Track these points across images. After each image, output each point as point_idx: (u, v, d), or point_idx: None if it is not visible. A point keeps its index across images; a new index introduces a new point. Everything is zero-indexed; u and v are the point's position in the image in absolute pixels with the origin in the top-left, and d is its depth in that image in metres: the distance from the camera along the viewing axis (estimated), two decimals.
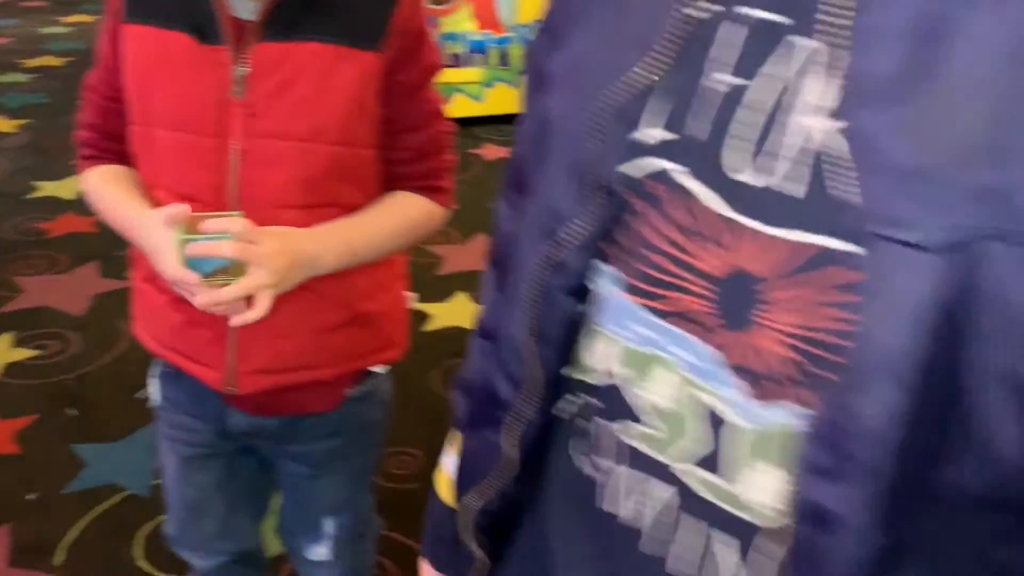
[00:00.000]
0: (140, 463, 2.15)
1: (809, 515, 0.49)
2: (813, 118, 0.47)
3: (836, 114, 0.46)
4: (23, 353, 2.55)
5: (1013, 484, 0.47)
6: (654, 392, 0.57)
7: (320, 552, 1.45)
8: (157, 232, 1.04)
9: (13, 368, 2.49)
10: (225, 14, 1.04)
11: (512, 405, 0.65)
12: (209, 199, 1.07)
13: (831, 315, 0.47)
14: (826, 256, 0.47)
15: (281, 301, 1.06)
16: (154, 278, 1.16)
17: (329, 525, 1.40)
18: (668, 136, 0.53)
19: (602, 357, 0.60)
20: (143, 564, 1.88)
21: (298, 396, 1.22)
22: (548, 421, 0.65)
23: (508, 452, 0.66)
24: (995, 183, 0.41)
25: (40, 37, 5.67)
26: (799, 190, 0.47)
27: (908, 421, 0.45)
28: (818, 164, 0.47)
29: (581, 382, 0.63)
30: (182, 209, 1.02)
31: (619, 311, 0.58)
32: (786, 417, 0.50)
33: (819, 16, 0.46)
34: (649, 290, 0.55)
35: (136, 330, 1.26)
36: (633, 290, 0.56)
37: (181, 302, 1.12)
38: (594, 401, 0.62)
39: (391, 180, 1.18)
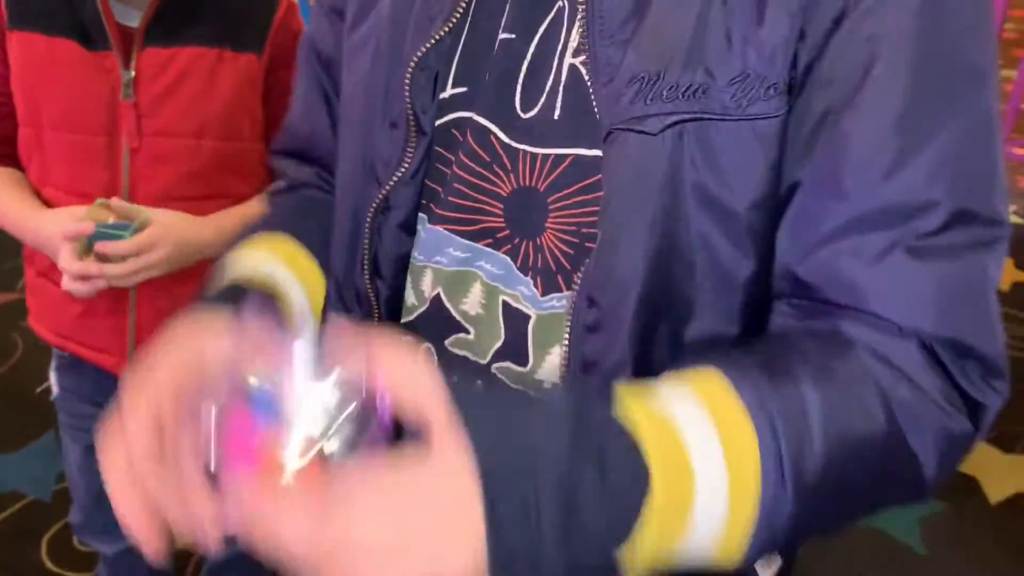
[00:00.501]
0: (40, 470, 2.18)
1: (578, 367, 0.61)
2: (567, 58, 0.61)
3: (580, 51, 0.60)
4: None
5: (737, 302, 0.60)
6: (467, 303, 0.68)
7: None
8: (52, 231, 1.11)
9: None
10: (111, 21, 1.11)
11: None
12: (102, 194, 1.14)
13: (593, 211, 0.60)
14: (580, 162, 0.61)
15: (176, 285, 1.15)
16: (49, 272, 1.23)
17: None
18: (465, 89, 0.66)
19: (427, 286, 0.69)
20: (51, 566, 1.92)
21: None
22: None
23: None
24: (695, 79, 0.56)
25: None
26: (555, 114, 0.62)
27: (650, 267, 0.58)
28: (568, 91, 0.61)
29: (406, 321, 0.71)
30: (81, 223, 1.08)
31: (436, 242, 0.68)
32: (559, 302, 0.63)
33: None
34: (458, 217, 0.66)
35: (33, 324, 1.32)
36: (446, 220, 0.67)
37: None
38: (410, 336, 0.71)
39: None
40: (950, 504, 2.17)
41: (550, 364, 0.64)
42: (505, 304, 0.66)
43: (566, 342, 0.61)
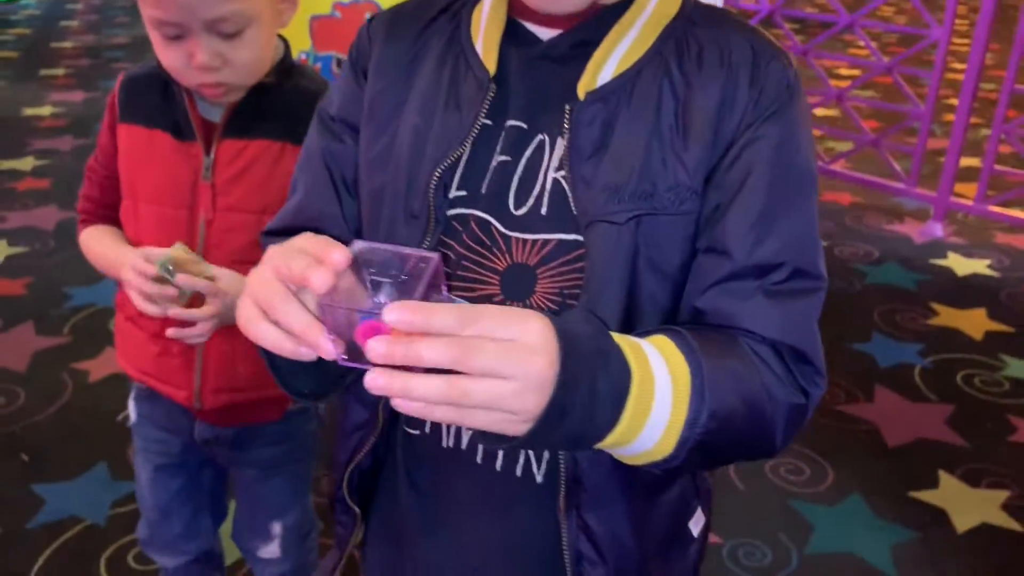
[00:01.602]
0: (95, 496, 2.40)
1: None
2: (551, 172, 0.86)
3: (560, 167, 0.85)
4: None
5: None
6: None
7: (270, 551, 1.75)
8: (129, 256, 1.34)
9: None
10: (196, 117, 1.39)
11: None
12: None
13: (572, 279, 0.84)
14: (562, 244, 0.85)
15: (237, 332, 1.39)
16: (136, 318, 1.48)
17: (276, 527, 1.71)
18: (465, 193, 0.88)
19: None
20: None
21: (250, 409, 1.55)
22: None
23: (378, 416, 0.94)
24: (645, 188, 0.84)
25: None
26: (542, 211, 0.86)
27: (621, 316, 0.84)
28: (552, 195, 0.86)
29: None
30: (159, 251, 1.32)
31: None
32: None
33: (564, 126, 0.85)
34: (462, 287, 0.88)
35: (119, 361, 1.58)
36: (452, 290, 0.86)
37: (156, 336, 1.44)
38: None
39: None
40: (921, 533, 2.37)
41: None
42: None
43: None
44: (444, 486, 0.96)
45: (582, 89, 0.85)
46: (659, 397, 0.73)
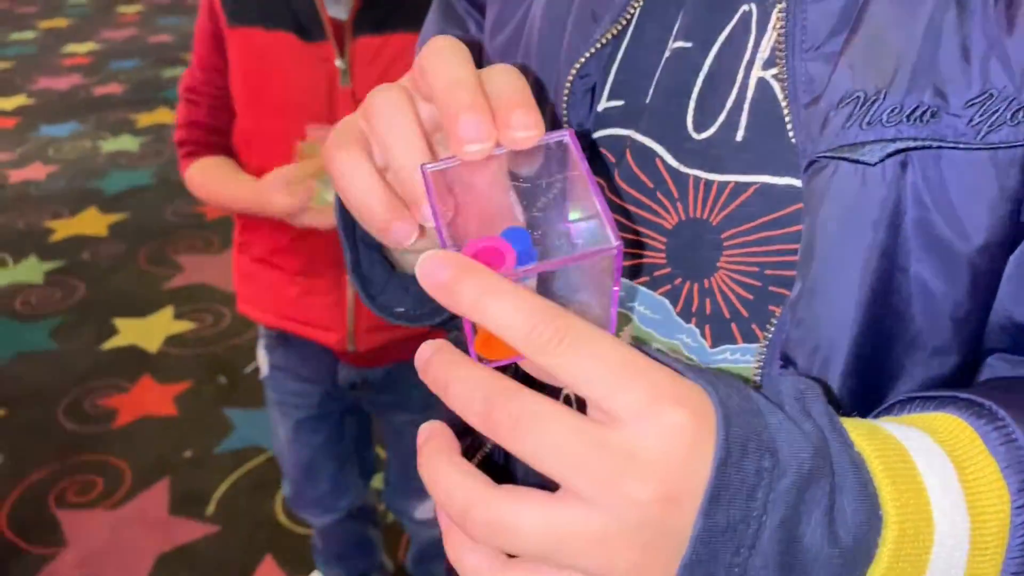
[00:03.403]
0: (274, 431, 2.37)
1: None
2: (755, 71, 0.53)
3: (772, 63, 0.53)
4: (182, 325, 2.82)
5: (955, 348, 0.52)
6: None
7: (428, 509, 1.58)
8: (278, 192, 1.19)
9: (172, 339, 2.76)
10: (325, 14, 1.18)
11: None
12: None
13: (781, 248, 0.53)
14: (766, 192, 0.53)
15: None
16: (268, 257, 1.32)
17: None
18: (622, 103, 0.58)
19: None
20: (282, 518, 2.09)
21: (404, 345, 1.35)
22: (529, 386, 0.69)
23: None
24: (925, 100, 0.48)
25: None
26: (737, 136, 0.53)
27: (862, 320, 0.50)
28: (756, 108, 0.53)
29: None
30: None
31: None
32: (733, 355, 0.55)
33: None
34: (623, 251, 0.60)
35: (243, 308, 1.43)
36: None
37: (298, 274, 1.27)
38: None
39: None
40: None
41: None
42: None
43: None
44: None
45: None
46: (940, 556, 0.42)
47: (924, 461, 0.43)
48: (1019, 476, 0.43)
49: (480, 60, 0.71)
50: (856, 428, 0.43)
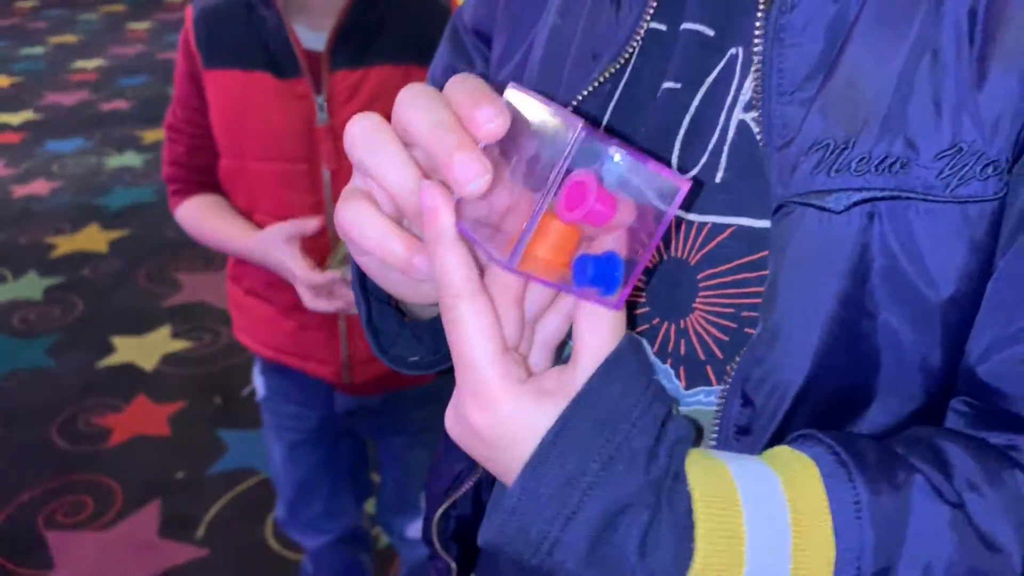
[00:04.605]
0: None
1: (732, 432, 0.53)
2: (737, 113, 0.53)
3: (752, 106, 0.52)
4: (179, 344, 2.81)
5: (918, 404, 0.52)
6: None
7: (419, 528, 1.56)
8: (278, 249, 1.16)
9: (169, 358, 2.75)
10: (299, 47, 1.14)
11: None
12: (309, 217, 1.19)
13: (758, 291, 0.52)
14: (744, 234, 0.52)
15: None
16: (260, 291, 1.30)
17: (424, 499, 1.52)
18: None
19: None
20: (272, 543, 2.06)
21: (398, 375, 1.33)
22: None
23: None
24: (890, 153, 0.48)
25: None
26: (717, 177, 0.53)
27: (820, 364, 0.50)
28: (736, 150, 0.53)
29: None
30: (299, 226, 1.14)
31: None
32: (708, 396, 0.54)
33: (755, 28, 0.52)
34: None
35: (239, 336, 1.41)
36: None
37: (291, 308, 1.25)
38: None
39: None
40: None
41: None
42: None
43: (713, 443, 0.53)
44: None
45: None
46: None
47: (752, 509, 0.44)
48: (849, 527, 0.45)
49: None
50: (700, 464, 0.46)
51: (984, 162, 0.47)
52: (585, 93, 0.58)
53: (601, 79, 0.58)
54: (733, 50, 0.54)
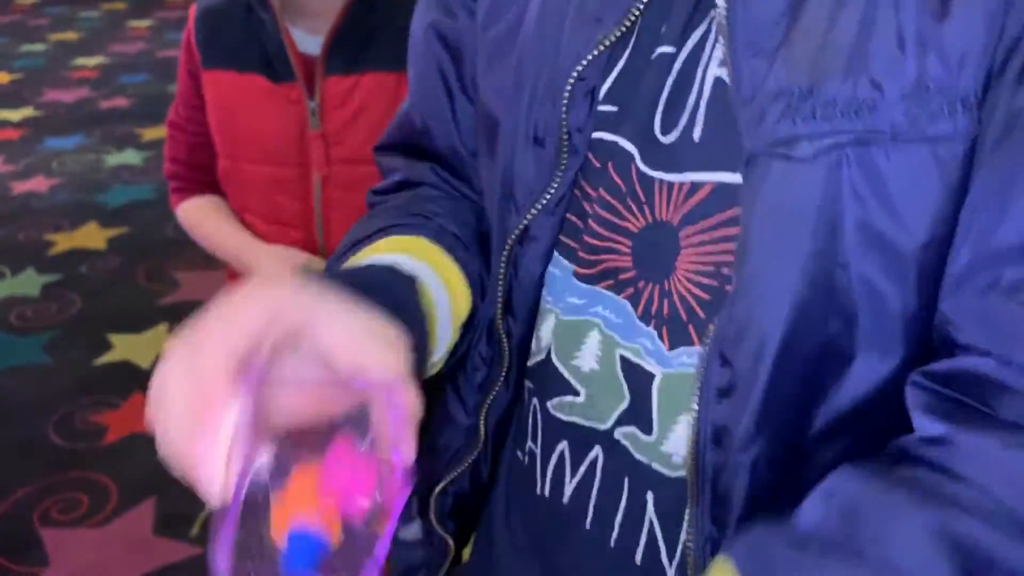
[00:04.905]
0: None
1: (709, 438, 0.53)
2: (712, 69, 0.53)
3: (724, 62, 0.52)
4: None
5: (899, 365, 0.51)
6: (580, 357, 0.59)
7: (412, 531, 1.56)
8: (272, 264, 1.17)
9: None
10: (294, 51, 1.14)
11: (483, 382, 0.66)
12: (297, 222, 1.19)
13: (734, 246, 0.51)
14: (722, 191, 0.52)
15: None
16: None
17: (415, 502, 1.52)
18: (615, 109, 0.57)
19: (547, 334, 0.62)
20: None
21: None
22: (513, 400, 0.66)
23: (478, 428, 0.67)
24: (860, 93, 0.47)
25: None
26: (695, 135, 0.53)
27: (796, 319, 0.49)
28: (712, 108, 0.52)
29: (529, 365, 0.64)
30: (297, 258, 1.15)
31: (562, 280, 0.60)
32: (690, 358, 0.54)
33: None
34: (585, 258, 0.58)
35: None
36: (575, 259, 0.59)
37: None
38: (530, 384, 0.64)
39: None
40: None
41: (678, 434, 0.56)
42: (624, 360, 0.57)
43: (695, 408, 0.53)
44: (542, 546, 0.68)
45: None
46: None
47: None
48: None
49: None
50: None
51: (952, 98, 0.46)
52: (589, 59, 0.56)
53: (605, 43, 0.55)
54: (715, 10, 0.53)
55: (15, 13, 6.83)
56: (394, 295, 0.54)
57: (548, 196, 0.58)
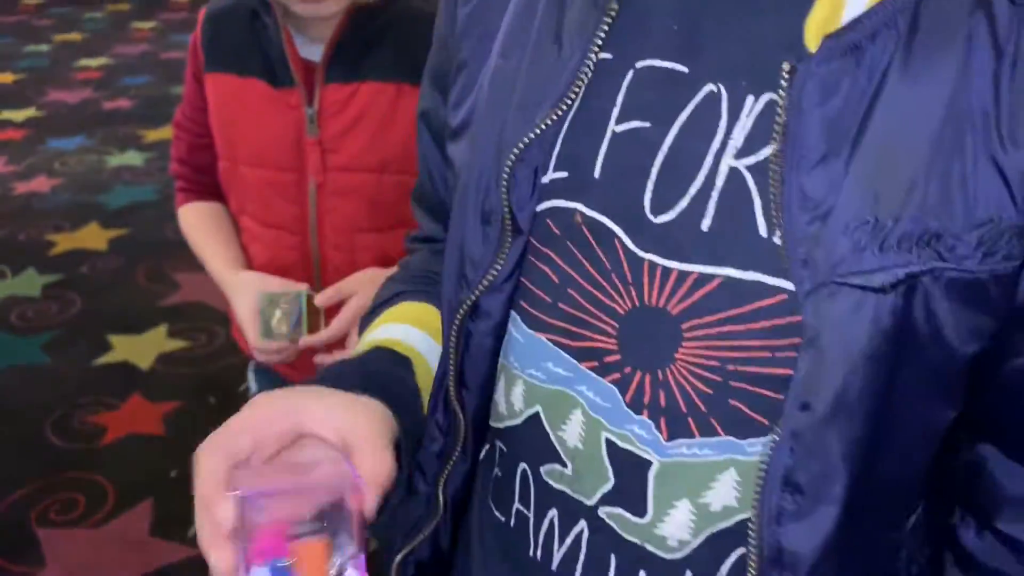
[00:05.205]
0: None
1: (772, 558, 0.52)
2: (726, 159, 0.51)
3: (748, 152, 0.51)
4: (175, 344, 2.82)
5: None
6: (565, 432, 0.59)
7: None
8: (240, 296, 1.19)
9: (165, 357, 2.75)
10: (295, 56, 1.15)
11: (441, 452, 0.67)
12: (292, 226, 1.20)
13: (746, 344, 0.51)
14: (731, 286, 0.51)
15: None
16: None
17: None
18: (566, 174, 0.56)
19: (517, 398, 0.61)
20: None
21: None
22: (472, 468, 0.67)
23: (437, 498, 0.68)
24: (928, 227, 0.47)
25: None
26: (703, 224, 0.51)
27: (864, 445, 0.50)
28: (726, 197, 0.51)
29: (496, 428, 0.65)
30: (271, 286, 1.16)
31: (533, 351, 0.60)
32: (690, 449, 0.54)
33: (781, 80, 0.49)
34: (561, 327, 0.57)
35: (235, 335, 1.42)
36: (545, 328, 0.58)
37: None
38: (503, 447, 0.64)
39: None
40: None
41: (678, 519, 0.56)
42: (610, 443, 0.57)
43: (752, 536, 0.53)
44: None
45: (816, 32, 0.48)
46: None
47: None
48: None
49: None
50: None
51: (1016, 230, 0.47)
52: (527, 139, 0.56)
53: (546, 124, 0.56)
54: (712, 87, 0.52)
55: (20, 13, 6.86)
56: (390, 385, 0.63)
57: (495, 273, 0.59)
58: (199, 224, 1.31)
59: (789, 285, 0.50)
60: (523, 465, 0.63)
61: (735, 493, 0.54)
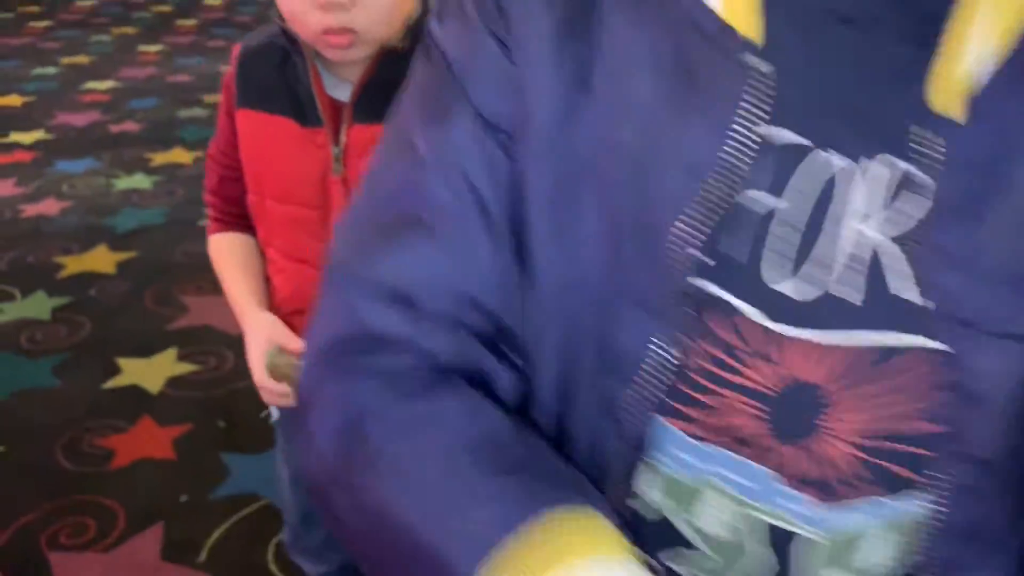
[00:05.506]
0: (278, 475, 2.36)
1: None
2: (852, 221, 0.51)
3: (869, 217, 0.51)
4: (184, 367, 2.82)
5: None
6: (704, 520, 0.55)
7: None
8: (253, 336, 1.22)
9: (174, 381, 2.76)
10: (323, 97, 1.18)
11: None
12: (315, 261, 1.22)
13: (904, 410, 0.51)
14: (889, 354, 0.51)
15: None
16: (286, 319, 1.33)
17: None
18: (715, 264, 0.52)
19: (645, 487, 0.57)
20: (273, 568, 2.07)
21: None
22: None
23: None
24: None
25: (219, 75, 6.16)
26: (855, 296, 0.51)
27: (1017, 492, 0.52)
28: (874, 269, 0.51)
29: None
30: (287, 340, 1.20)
31: (661, 437, 0.55)
32: (862, 519, 0.53)
33: (910, 144, 0.49)
34: (692, 415, 0.54)
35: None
36: (676, 414, 0.54)
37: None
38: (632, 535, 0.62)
39: None
40: None
41: None
42: (772, 527, 0.54)
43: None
44: None
45: (943, 92, 0.48)
46: None
47: None
48: None
49: None
50: None
51: None
52: (693, 209, 0.52)
53: (705, 194, 0.51)
54: (838, 159, 0.50)
55: (27, 36, 6.90)
56: None
57: (650, 360, 0.54)
58: (226, 255, 1.35)
59: (942, 345, 0.50)
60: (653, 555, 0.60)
61: (890, 552, 0.54)
